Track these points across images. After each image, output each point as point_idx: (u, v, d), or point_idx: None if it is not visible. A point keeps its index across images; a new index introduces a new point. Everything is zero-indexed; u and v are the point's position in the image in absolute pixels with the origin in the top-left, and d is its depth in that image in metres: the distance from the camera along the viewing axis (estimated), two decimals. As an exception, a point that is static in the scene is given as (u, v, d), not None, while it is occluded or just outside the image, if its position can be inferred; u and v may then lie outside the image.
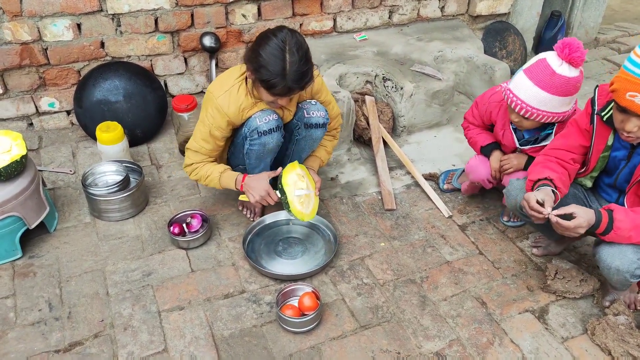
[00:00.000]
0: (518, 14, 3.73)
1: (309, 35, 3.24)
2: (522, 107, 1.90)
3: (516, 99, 1.91)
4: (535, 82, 1.85)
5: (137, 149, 2.83)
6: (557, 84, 1.83)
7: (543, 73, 1.83)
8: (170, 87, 3.09)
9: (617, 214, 1.68)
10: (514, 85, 1.92)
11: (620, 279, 1.74)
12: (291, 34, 1.87)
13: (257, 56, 1.87)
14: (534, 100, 1.87)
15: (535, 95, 1.86)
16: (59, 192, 2.50)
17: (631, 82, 1.52)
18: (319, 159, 2.36)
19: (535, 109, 1.89)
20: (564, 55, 1.81)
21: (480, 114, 2.28)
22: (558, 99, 1.86)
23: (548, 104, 1.87)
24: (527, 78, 1.87)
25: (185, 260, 2.16)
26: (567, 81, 1.83)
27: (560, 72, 1.82)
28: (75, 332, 1.85)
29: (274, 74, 1.85)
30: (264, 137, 2.06)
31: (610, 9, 5.11)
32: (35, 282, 2.04)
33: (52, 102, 2.87)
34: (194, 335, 1.85)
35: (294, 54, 1.85)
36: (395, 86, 2.93)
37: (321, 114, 2.17)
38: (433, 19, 3.54)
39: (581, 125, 1.85)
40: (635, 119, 1.58)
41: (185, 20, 2.89)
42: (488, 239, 2.32)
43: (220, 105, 2.03)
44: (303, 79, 1.90)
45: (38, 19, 2.62)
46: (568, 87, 1.84)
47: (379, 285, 2.07)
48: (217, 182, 2.15)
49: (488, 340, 1.87)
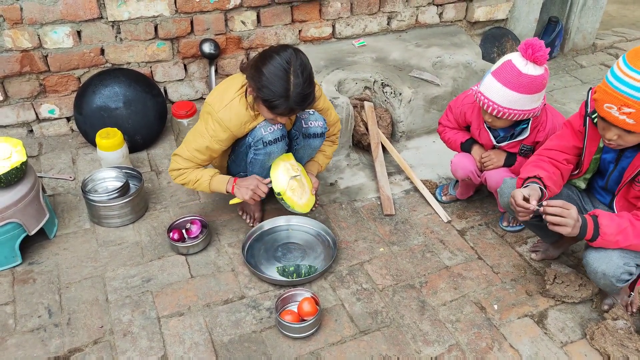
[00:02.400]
0: (516, 20, 3.75)
1: (308, 41, 3.26)
2: (494, 108, 1.98)
3: (487, 101, 1.98)
4: (504, 84, 1.92)
5: (136, 155, 2.84)
6: (524, 83, 1.90)
7: (510, 74, 1.91)
8: (170, 94, 3.11)
9: (602, 219, 1.69)
10: (484, 87, 1.99)
11: (607, 284, 1.75)
12: (296, 55, 1.86)
13: (260, 75, 1.85)
14: (504, 101, 1.95)
15: (505, 96, 1.94)
16: (58, 199, 2.51)
17: (608, 94, 1.55)
18: (317, 163, 2.36)
19: (506, 108, 1.96)
20: (527, 55, 1.89)
21: (455, 117, 2.33)
22: (526, 97, 1.93)
23: (518, 102, 1.94)
24: (495, 80, 1.94)
25: (184, 266, 2.16)
26: (534, 79, 1.90)
27: (526, 71, 1.90)
28: (75, 338, 1.85)
29: (277, 95, 1.84)
30: (269, 146, 2.06)
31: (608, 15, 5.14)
32: (35, 289, 2.04)
33: (52, 108, 2.89)
34: (194, 341, 1.85)
35: (298, 75, 1.84)
36: (394, 92, 2.94)
37: (319, 123, 2.17)
38: (431, 25, 3.56)
39: (575, 127, 1.88)
40: (614, 129, 1.60)
41: (184, 27, 2.91)
42: (487, 244, 2.33)
43: (221, 119, 2.00)
44: (306, 101, 1.90)
45: (38, 26, 2.63)
46: (535, 85, 1.91)
47: (378, 291, 2.08)
48: (206, 186, 2.12)
49: (487, 345, 1.87)
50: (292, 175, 2.13)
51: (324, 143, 2.37)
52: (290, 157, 2.20)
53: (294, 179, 2.14)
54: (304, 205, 2.18)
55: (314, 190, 2.23)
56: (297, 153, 2.27)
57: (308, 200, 2.20)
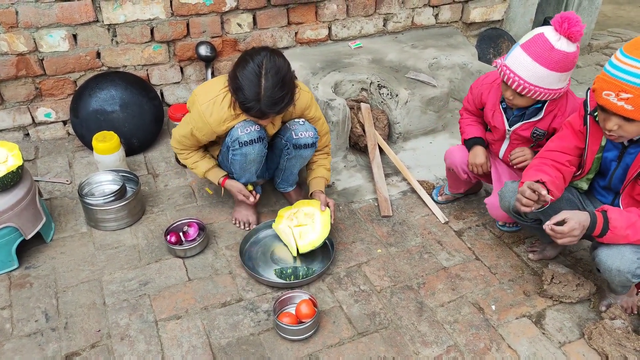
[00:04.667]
0: (511, 21, 3.76)
1: (305, 43, 3.26)
2: (520, 84, 1.85)
3: (513, 75, 1.86)
4: (534, 58, 1.80)
5: (133, 159, 2.84)
6: (555, 59, 1.78)
7: (542, 48, 1.78)
8: (167, 97, 3.10)
9: (612, 213, 1.69)
10: (511, 61, 1.86)
11: (622, 280, 1.75)
12: (270, 57, 1.87)
13: (235, 78, 1.90)
14: (531, 76, 1.82)
15: (534, 71, 1.81)
16: (55, 202, 2.50)
17: (606, 81, 1.56)
18: (323, 178, 2.36)
19: (532, 85, 1.84)
20: (562, 29, 1.77)
21: (474, 97, 2.23)
22: (556, 74, 1.82)
23: (545, 80, 1.82)
24: (525, 54, 1.82)
25: (182, 269, 2.16)
26: (566, 56, 1.79)
27: (559, 47, 1.78)
28: (72, 342, 1.84)
29: (249, 98, 1.88)
30: (245, 147, 2.07)
31: (603, 15, 5.16)
32: (32, 293, 2.03)
33: (49, 112, 2.88)
34: (191, 344, 1.85)
35: (269, 79, 1.86)
36: (390, 93, 2.95)
37: (310, 134, 2.18)
38: (427, 26, 3.57)
39: (575, 127, 1.86)
40: (614, 118, 1.59)
41: (181, 30, 2.90)
42: (484, 245, 2.33)
43: (203, 112, 2.05)
44: (278, 105, 1.91)
45: (34, 30, 2.63)
46: (566, 62, 1.80)
47: (376, 292, 2.08)
48: (201, 174, 2.28)
49: (485, 345, 1.87)
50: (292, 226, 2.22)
51: (319, 157, 2.38)
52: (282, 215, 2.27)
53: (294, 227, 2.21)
54: (307, 244, 2.18)
55: (322, 207, 2.22)
56: (289, 162, 2.29)
57: (322, 228, 2.19)
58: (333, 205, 2.26)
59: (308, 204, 2.25)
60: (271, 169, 2.45)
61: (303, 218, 2.22)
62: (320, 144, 2.32)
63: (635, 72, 1.50)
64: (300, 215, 2.23)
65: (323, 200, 2.23)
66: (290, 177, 2.42)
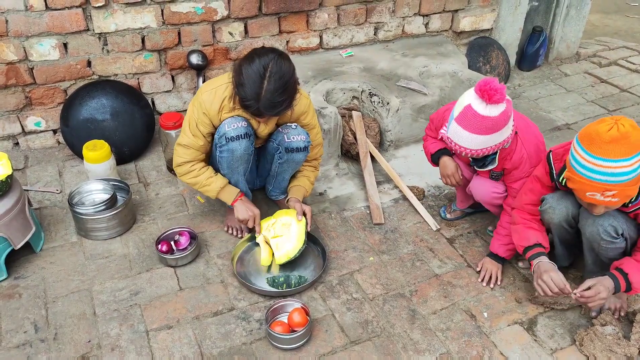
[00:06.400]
0: (501, 30, 3.81)
1: (296, 52, 3.27)
2: (468, 151, 1.99)
3: (458, 147, 2.00)
4: (470, 130, 1.92)
5: (124, 167, 2.82)
6: (488, 125, 1.90)
7: (472, 120, 1.90)
8: (158, 105, 3.10)
9: (632, 276, 1.79)
10: (452, 134, 2.00)
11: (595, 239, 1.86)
12: (277, 61, 1.89)
13: (240, 73, 1.92)
14: (474, 144, 1.95)
15: (474, 140, 1.94)
16: (45, 212, 2.48)
17: (587, 185, 1.66)
18: (303, 188, 2.36)
19: (478, 149, 1.98)
20: (485, 99, 1.88)
21: (436, 127, 2.30)
22: (494, 135, 1.93)
23: (487, 142, 1.95)
24: (460, 127, 1.94)
25: (173, 278, 2.15)
26: (496, 120, 1.89)
27: (487, 113, 1.88)
28: (62, 353, 1.82)
29: (249, 97, 1.90)
30: (231, 143, 2.07)
31: (591, 24, 5.23)
32: (21, 304, 2.01)
33: (39, 121, 2.86)
34: (183, 354, 1.83)
35: (272, 83, 1.88)
36: (381, 101, 2.96)
37: (301, 137, 2.19)
38: (418, 35, 3.60)
39: (544, 182, 1.98)
40: (601, 207, 1.74)
41: (172, 39, 2.91)
42: (476, 252, 2.34)
43: (204, 100, 2.06)
44: (276, 108, 1.94)
45: (24, 38, 2.62)
46: (498, 124, 1.90)
47: (369, 300, 2.07)
48: (214, 194, 2.20)
49: (478, 353, 1.87)
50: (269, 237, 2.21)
51: (307, 168, 2.38)
52: (262, 226, 2.25)
53: (271, 238, 2.20)
54: (293, 248, 2.17)
55: (299, 217, 2.21)
56: (280, 166, 2.29)
57: (297, 238, 2.18)
58: (309, 212, 2.25)
59: (286, 214, 2.24)
60: (262, 176, 2.44)
61: (280, 229, 2.21)
62: (311, 154, 2.32)
63: (612, 172, 1.60)
64: (278, 226, 2.22)
65: (299, 210, 2.23)
66: (282, 184, 2.41)
